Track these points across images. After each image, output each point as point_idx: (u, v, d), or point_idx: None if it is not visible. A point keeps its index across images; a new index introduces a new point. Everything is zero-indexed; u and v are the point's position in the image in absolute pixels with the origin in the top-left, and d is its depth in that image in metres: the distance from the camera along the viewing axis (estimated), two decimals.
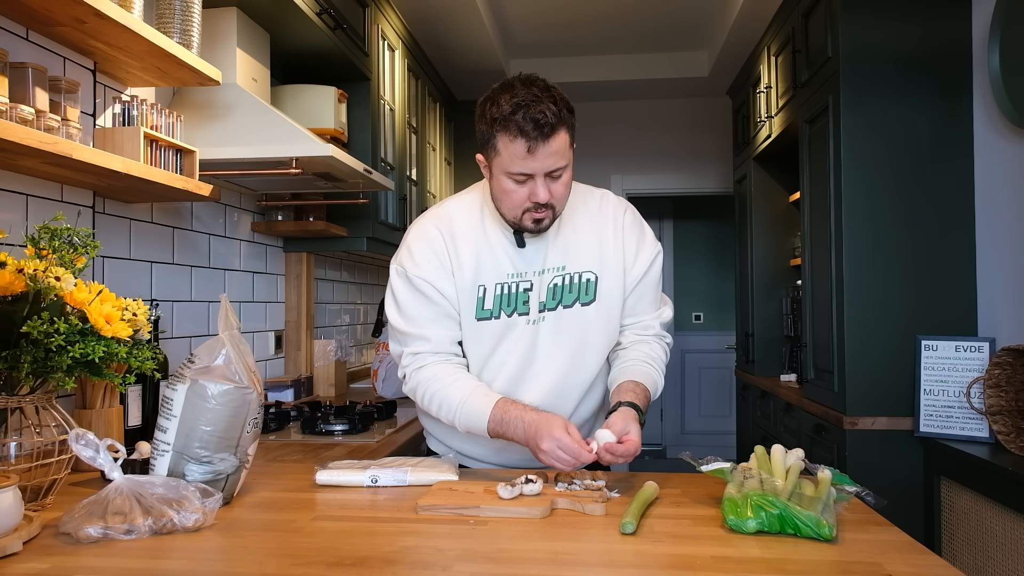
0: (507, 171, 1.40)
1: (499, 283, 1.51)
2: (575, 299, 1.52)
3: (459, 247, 1.51)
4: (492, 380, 1.54)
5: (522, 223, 1.46)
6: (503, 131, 1.37)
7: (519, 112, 1.34)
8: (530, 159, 1.37)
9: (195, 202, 2.33)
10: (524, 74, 1.42)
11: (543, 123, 1.34)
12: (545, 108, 1.35)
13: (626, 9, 4.08)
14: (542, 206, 1.42)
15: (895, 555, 1.02)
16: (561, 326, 1.52)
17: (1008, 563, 2.02)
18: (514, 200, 1.43)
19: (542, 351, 1.52)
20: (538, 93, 1.36)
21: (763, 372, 3.91)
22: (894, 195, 2.58)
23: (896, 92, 2.58)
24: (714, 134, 5.16)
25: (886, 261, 2.58)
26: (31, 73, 1.46)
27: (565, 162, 1.41)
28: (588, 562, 1.01)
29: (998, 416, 2.25)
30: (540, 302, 1.52)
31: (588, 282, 1.53)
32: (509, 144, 1.37)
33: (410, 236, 1.55)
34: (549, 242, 1.53)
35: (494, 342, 1.52)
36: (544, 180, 1.40)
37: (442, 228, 1.53)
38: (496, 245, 1.52)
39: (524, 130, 1.34)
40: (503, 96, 1.37)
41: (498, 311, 1.51)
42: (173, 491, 1.14)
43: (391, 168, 3.20)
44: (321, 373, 3.03)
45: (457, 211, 1.56)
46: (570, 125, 1.40)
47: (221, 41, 2.18)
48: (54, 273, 1.27)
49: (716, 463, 1.27)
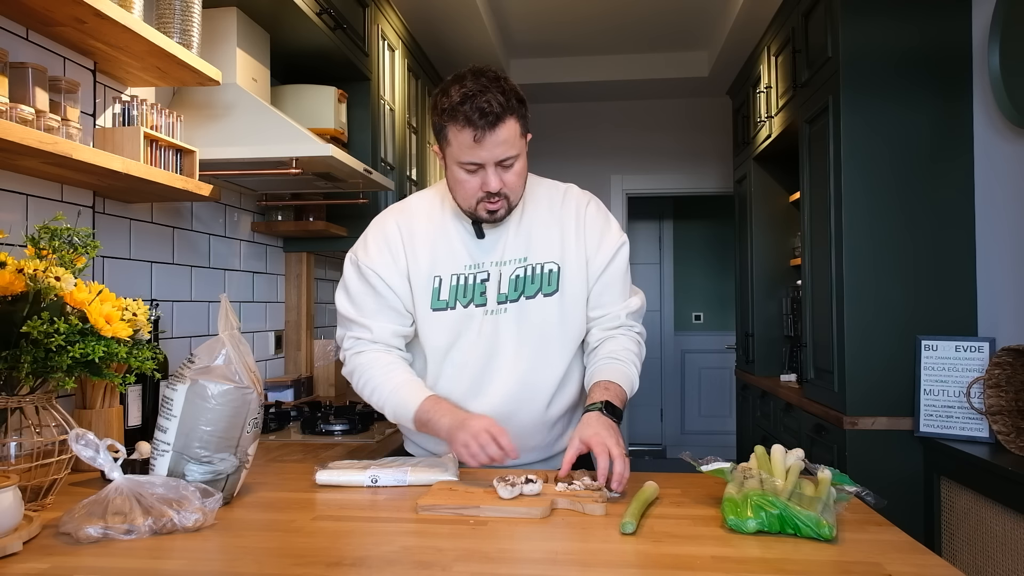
0: (458, 161, 1.43)
1: (455, 274, 1.53)
2: (537, 290, 1.52)
3: (416, 240, 1.54)
4: (455, 376, 1.54)
5: (477, 213, 1.47)
6: (452, 121, 1.39)
7: (467, 103, 1.37)
8: (478, 148, 1.39)
9: (195, 202, 2.33)
10: (476, 65, 1.44)
11: (488, 112, 1.36)
12: (491, 98, 1.37)
13: (626, 9, 4.08)
14: (494, 195, 1.44)
15: (895, 555, 1.02)
16: (523, 317, 1.52)
17: (1008, 563, 2.02)
18: (467, 190, 1.45)
19: (505, 343, 1.52)
20: (486, 83, 1.38)
21: (763, 372, 3.91)
22: (894, 195, 2.58)
23: (896, 92, 2.58)
24: (714, 134, 5.16)
25: (886, 261, 2.58)
26: (31, 73, 1.46)
27: (516, 151, 1.42)
28: (588, 562, 1.01)
29: (998, 416, 2.25)
30: (501, 293, 1.52)
31: (551, 272, 1.53)
32: (458, 134, 1.40)
33: (370, 229, 1.59)
34: (510, 233, 1.54)
35: (452, 334, 1.53)
36: (495, 169, 1.42)
37: (401, 222, 1.56)
38: (454, 236, 1.54)
39: (471, 119, 1.37)
40: (453, 87, 1.40)
41: (454, 302, 1.52)
42: (173, 491, 1.14)
43: (391, 168, 3.20)
44: (321, 373, 3.03)
45: (419, 204, 1.60)
46: (520, 115, 1.42)
47: (221, 41, 2.18)
48: (54, 273, 1.27)
49: (716, 463, 1.27)
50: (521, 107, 1.42)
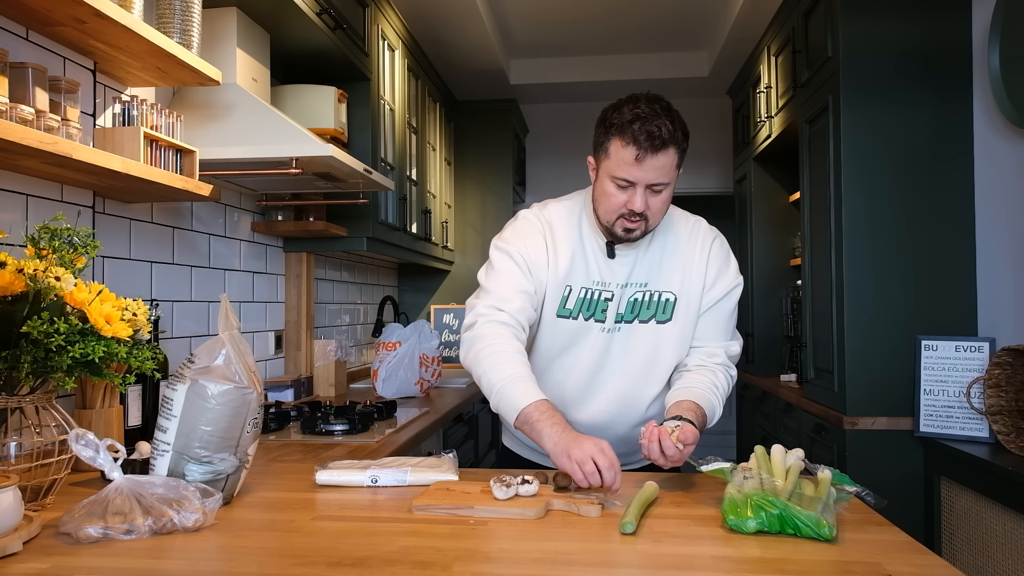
0: (612, 175, 1.48)
1: (584, 287, 1.59)
2: (651, 316, 1.59)
3: (558, 245, 1.60)
4: (562, 381, 1.61)
5: (614, 228, 1.53)
6: (618, 136, 1.45)
7: (637, 122, 1.43)
8: (635, 167, 1.45)
9: (195, 202, 2.33)
10: (651, 92, 1.50)
11: (655, 136, 1.42)
12: (661, 124, 1.43)
13: (626, 9, 4.08)
14: (636, 215, 1.49)
15: (895, 555, 1.02)
16: (634, 339, 1.59)
17: (1008, 563, 2.02)
18: (612, 204, 1.50)
19: (612, 360, 1.59)
20: (659, 110, 1.45)
21: (763, 372, 3.91)
22: (894, 195, 2.58)
23: (896, 92, 2.58)
24: (714, 134, 5.16)
25: (886, 261, 2.58)
26: (31, 73, 1.46)
27: (668, 180, 1.48)
28: (588, 562, 1.01)
29: (998, 416, 2.25)
30: (619, 313, 1.58)
31: (667, 302, 1.59)
32: (621, 149, 1.45)
33: (516, 221, 1.64)
34: (638, 258, 1.59)
35: (567, 342, 1.60)
36: (644, 191, 1.47)
37: (546, 224, 1.62)
38: (588, 250, 1.60)
39: (637, 139, 1.43)
40: (626, 106, 1.46)
41: (577, 312, 1.58)
42: (173, 491, 1.14)
43: (391, 168, 3.20)
44: (321, 373, 3.03)
45: (557, 213, 1.64)
46: (682, 148, 1.48)
47: (221, 41, 2.18)
48: (54, 273, 1.27)
49: (716, 463, 1.27)
50: (684, 141, 1.48)
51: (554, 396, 1.58)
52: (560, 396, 1.61)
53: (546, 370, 1.63)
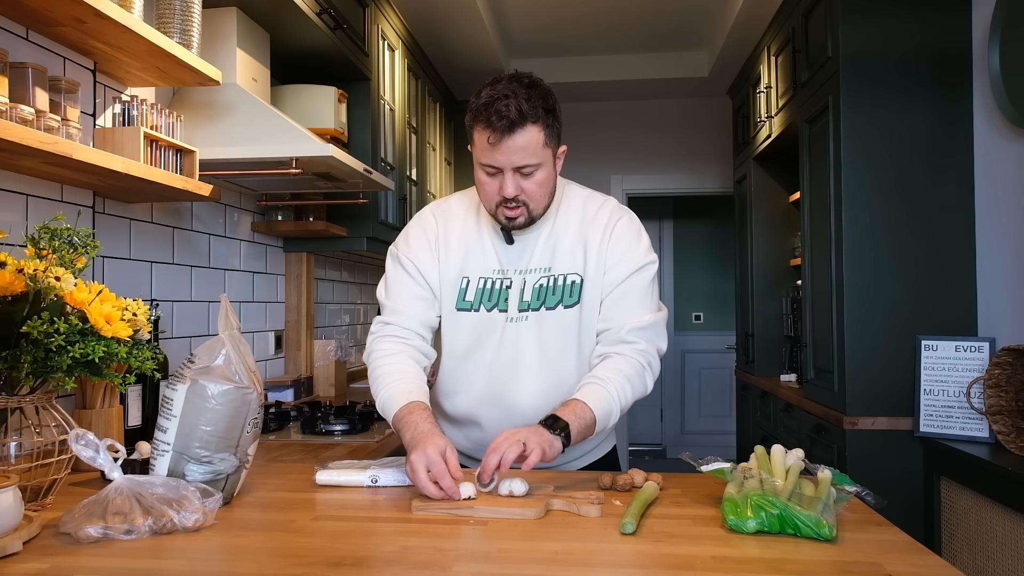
0: (479, 161, 1.45)
1: (483, 277, 1.55)
2: (558, 301, 1.52)
3: (451, 238, 1.56)
4: (478, 379, 1.55)
5: (498, 217, 1.49)
6: (475, 121, 1.42)
7: (491, 105, 1.37)
8: (494, 151, 1.40)
9: (195, 202, 2.33)
10: (519, 71, 1.45)
11: (503, 115, 1.36)
12: (512, 103, 1.36)
13: (626, 9, 4.08)
14: (511, 201, 1.44)
15: (895, 555, 1.02)
16: (544, 327, 1.52)
17: (1008, 563, 2.02)
18: (486, 192, 1.47)
19: (526, 352, 1.52)
20: (516, 88, 1.38)
21: (763, 372, 3.91)
22: (894, 195, 2.58)
23: (896, 92, 2.58)
24: (714, 134, 5.16)
25: (886, 261, 2.58)
26: (31, 73, 1.46)
27: (535, 160, 1.41)
28: (588, 562, 1.01)
29: (998, 416, 2.25)
30: (524, 301, 1.52)
31: (573, 284, 1.52)
32: (479, 135, 1.42)
33: (411, 222, 1.62)
34: (539, 242, 1.54)
35: (474, 337, 1.54)
36: (513, 175, 1.42)
37: (439, 216, 1.59)
38: (486, 240, 1.56)
39: (490, 122, 1.38)
40: (485, 88, 1.41)
41: (478, 304, 1.54)
42: (173, 491, 1.14)
43: (391, 168, 3.20)
44: (321, 373, 3.03)
45: (458, 203, 1.62)
46: (546, 124, 1.41)
47: (221, 41, 2.18)
48: (54, 273, 1.27)
49: (716, 463, 1.27)
50: (548, 116, 1.41)
51: (473, 395, 1.55)
52: (480, 394, 1.55)
53: (458, 369, 1.57)
